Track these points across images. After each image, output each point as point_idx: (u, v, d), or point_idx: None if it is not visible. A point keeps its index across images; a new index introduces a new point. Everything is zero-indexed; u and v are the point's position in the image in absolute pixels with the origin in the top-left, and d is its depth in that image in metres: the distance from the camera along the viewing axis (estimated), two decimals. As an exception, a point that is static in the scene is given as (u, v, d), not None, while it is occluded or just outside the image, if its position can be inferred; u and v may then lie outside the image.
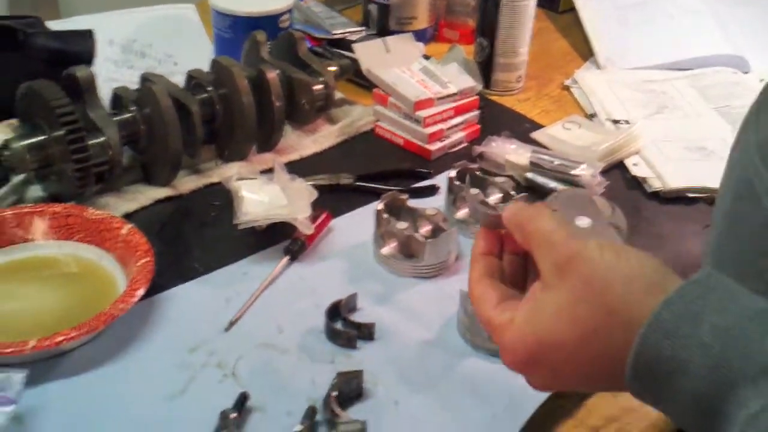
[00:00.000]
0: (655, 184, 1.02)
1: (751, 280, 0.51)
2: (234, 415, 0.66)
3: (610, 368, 0.46)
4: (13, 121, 0.97)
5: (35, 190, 0.95)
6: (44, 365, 0.72)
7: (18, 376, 0.66)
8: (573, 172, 0.99)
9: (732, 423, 0.41)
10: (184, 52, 1.21)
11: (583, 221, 0.87)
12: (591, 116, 1.19)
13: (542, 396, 0.70)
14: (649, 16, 1.40)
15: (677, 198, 1.01)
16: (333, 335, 0.77)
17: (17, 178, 0.93)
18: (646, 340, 0.43)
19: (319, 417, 0.68)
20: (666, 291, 0.44)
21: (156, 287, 0.80)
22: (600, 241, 0.48)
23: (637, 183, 1.05)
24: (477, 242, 0.56)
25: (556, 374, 0.50)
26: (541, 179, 1.00)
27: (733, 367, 0.41)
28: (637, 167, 1.06)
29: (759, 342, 0.41)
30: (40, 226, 0.86)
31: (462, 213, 0.93)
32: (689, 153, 1.08)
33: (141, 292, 0.75)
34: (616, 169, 1.07)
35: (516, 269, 0.56)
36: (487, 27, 1.22)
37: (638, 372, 0.44)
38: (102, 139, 0.90)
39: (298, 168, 1.00)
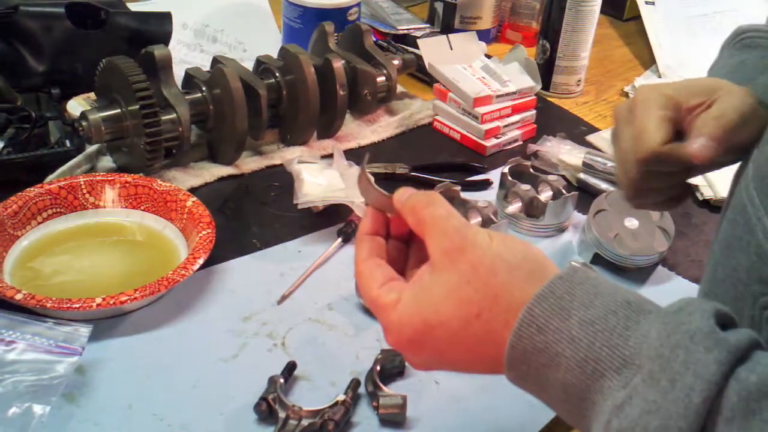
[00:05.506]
0: (707, 193, 1.02)
1: (745, 304, 0.53)
2: (282, 380, 0.69)
3: (492, 353, 0.48)
4: (91, 95, 1.02)
5: (106, 161, 1.00)
6: (108, 323, 0.76)
7: (84, 330, 0.71)
8: (625, 175, 1.00)
9: (599, 411, 0.43)
10: (254, 39, 1.26)
11: (631, 222, 0.89)
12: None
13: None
14: (716, 27, 1.40)
15: (728, 208, 1.02)
16: None
17: (91, 148, 0.98)
18: (520, 333, 0.45)
19: (361, 390, 0.71)
20: (543, 280, 0.46)
21: (215, 258, 0.84)
22: (490, 231, 0.50)
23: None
24: (365, 221, 0.56)
25: (440, 355, 0.50)
26: (593, 180, 1.02)
27: (600, 359, 0.43)
28: (690, 175, 1.07)
29: (621, 334, 0.43)
30: (110, 194, 0.91)
31: (513, 207, 0.95)
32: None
33: (201, 260, 0.79)
34: (669, 176, 1.08)
35: (398, 255, 0.56)
36: (551, 29, 1.24)
37: (514, 362, 0.46)
38: (174, 115, 0.95)
39: (356, 156, 1.03)
